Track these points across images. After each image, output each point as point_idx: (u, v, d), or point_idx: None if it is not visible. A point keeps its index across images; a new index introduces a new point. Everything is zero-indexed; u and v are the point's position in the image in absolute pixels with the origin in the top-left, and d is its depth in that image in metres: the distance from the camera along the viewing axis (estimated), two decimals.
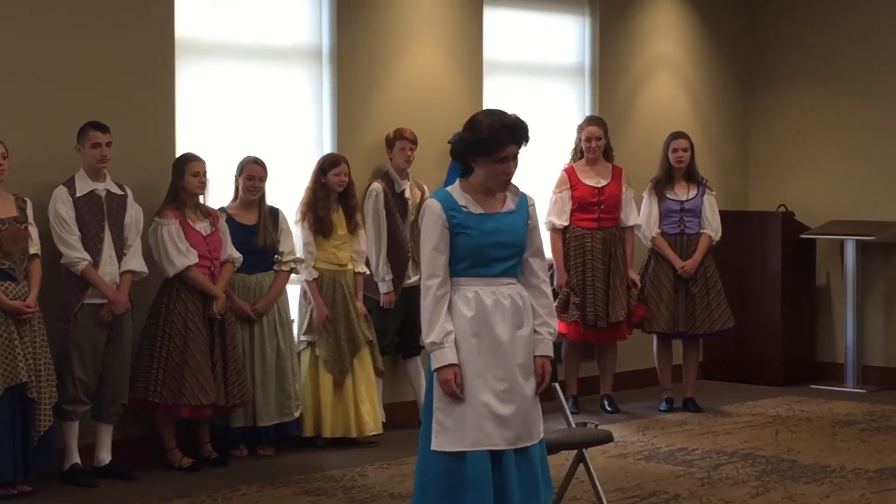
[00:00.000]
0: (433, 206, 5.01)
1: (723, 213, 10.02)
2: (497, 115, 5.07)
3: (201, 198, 7.94)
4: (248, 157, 8.22)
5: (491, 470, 4.95)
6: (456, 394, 4.93)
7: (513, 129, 5.01)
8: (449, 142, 5.17)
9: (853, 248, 10.93)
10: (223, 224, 8.03)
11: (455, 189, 5.07)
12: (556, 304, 9.49)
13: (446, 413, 4.96)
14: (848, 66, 11.40)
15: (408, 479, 7.54)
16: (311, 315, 8.44)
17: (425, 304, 4.96)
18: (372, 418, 8.56)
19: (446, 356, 4.92)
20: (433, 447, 4.96)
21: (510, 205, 5.10)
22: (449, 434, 4.95)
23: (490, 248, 5.01)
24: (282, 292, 8.33)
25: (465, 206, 5.02)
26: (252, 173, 8.17)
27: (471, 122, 5.08)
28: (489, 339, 4.99)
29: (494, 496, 4.95)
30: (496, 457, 4.98)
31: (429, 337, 4.95)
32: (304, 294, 8.53)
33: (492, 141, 4.98)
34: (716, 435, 8.92)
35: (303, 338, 8.46)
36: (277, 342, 8.22)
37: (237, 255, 8.01)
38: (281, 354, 8.23)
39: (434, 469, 4.98)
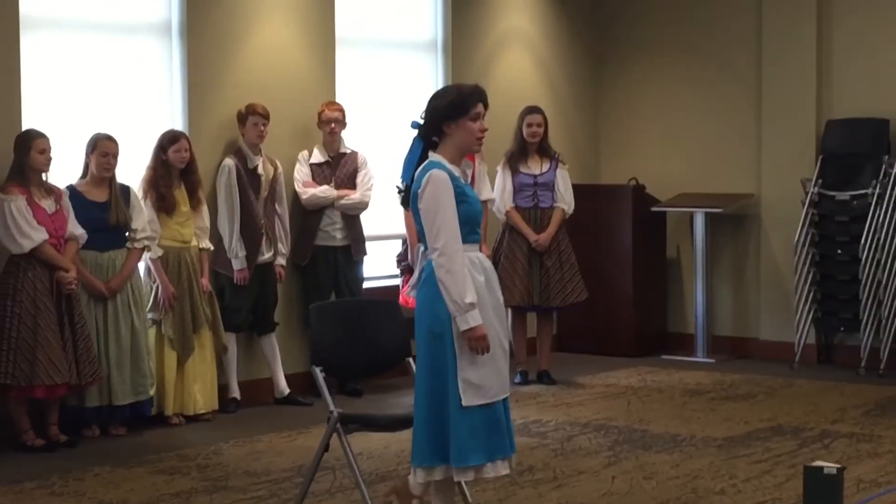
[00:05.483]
0: (442, 176, 5.18)
1: (575, 187, 10.10)
2: (455, 85, 5.44)
3: (44, 175, 7.79)
4: (101, 133, 8.09)
5: None
6: (490, 348, 5.21)
7: (476, 89, 5.33)
8: (414, 124, 5.35)
9: (702, 221, 11.12)
10: (66, 201, 7.90)
11: (442, 160, 5.26)
12: (412, 280, 9.57)
13: (470, 371, 5.20)
14: (696, 40, 11.57)
15: (263, 456, 7.52)
16: (156, 293, 8.36)
17: (454, 268, 5.12)
18: (203, 396, 8.55)
19: (478, 317, 5.16)
20: (466, 403, 5.18)
21: (466, 177, 5.33)
22: (477, 389, 5.20)
23: (478, 214, 5.36)
24: (135, 270, 8.24)
25: (458, 176, 5.30)
26: (106, 150, 8.05)
27: (435, 96, 5.35)
28: (495, 298, 5.35)
29: None
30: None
31: (466, 298, 5.12)
32: (148, 272, 8.45)
33: (466, 98, 5.26)
34: (569, 406, 9.03)
35: (148, 316, 8.37)
36: (132, 320, 8.14)
37: (80, 231, 7.90)
38: (135, 332, 8.15)
39: (471, 422, 5.19)
